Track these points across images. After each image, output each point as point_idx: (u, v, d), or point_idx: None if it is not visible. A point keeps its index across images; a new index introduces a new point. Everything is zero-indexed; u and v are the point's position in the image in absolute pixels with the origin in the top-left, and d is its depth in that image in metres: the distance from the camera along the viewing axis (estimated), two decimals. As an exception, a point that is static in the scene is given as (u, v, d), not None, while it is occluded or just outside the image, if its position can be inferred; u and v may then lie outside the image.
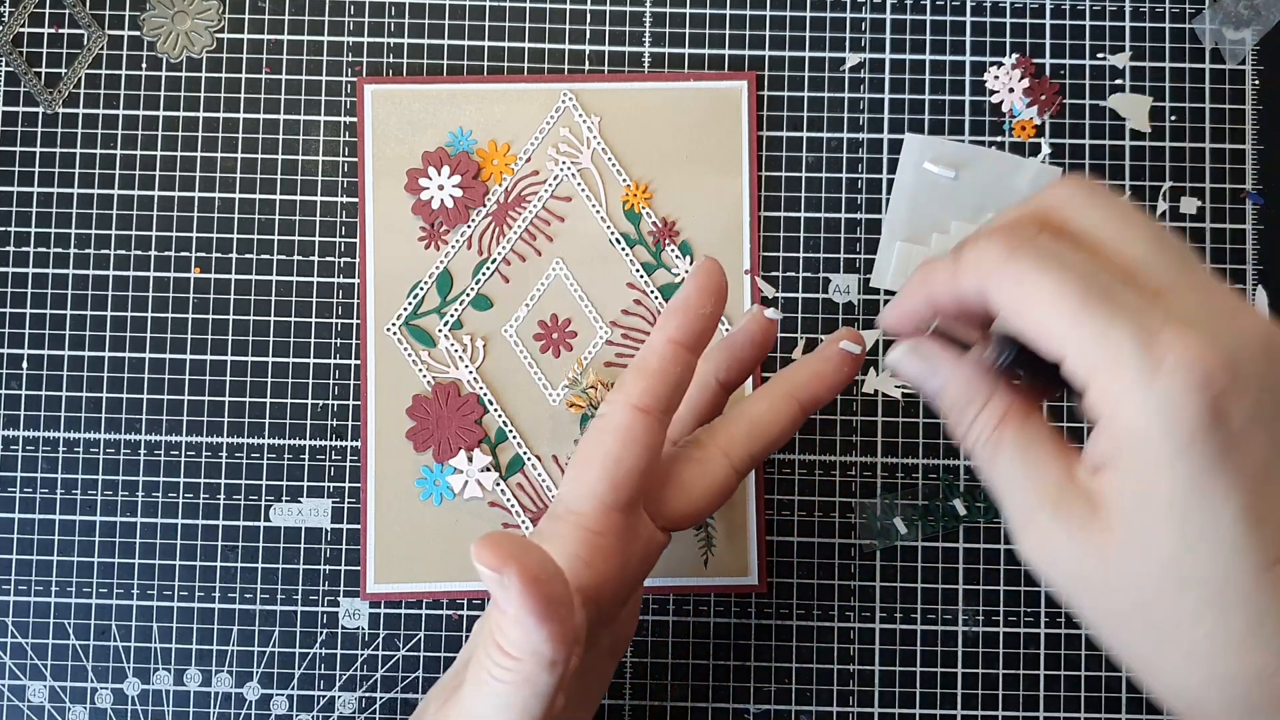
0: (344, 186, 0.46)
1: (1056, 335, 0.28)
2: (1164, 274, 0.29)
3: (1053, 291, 0.28)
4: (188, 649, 0.45)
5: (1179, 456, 0.27)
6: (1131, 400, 0.27)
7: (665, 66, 0.46)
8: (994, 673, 0.45)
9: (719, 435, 0.36)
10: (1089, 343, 0.28)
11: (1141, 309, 0.28)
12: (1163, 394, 0.27)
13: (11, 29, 0.46)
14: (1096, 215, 0.30)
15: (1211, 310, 0.28)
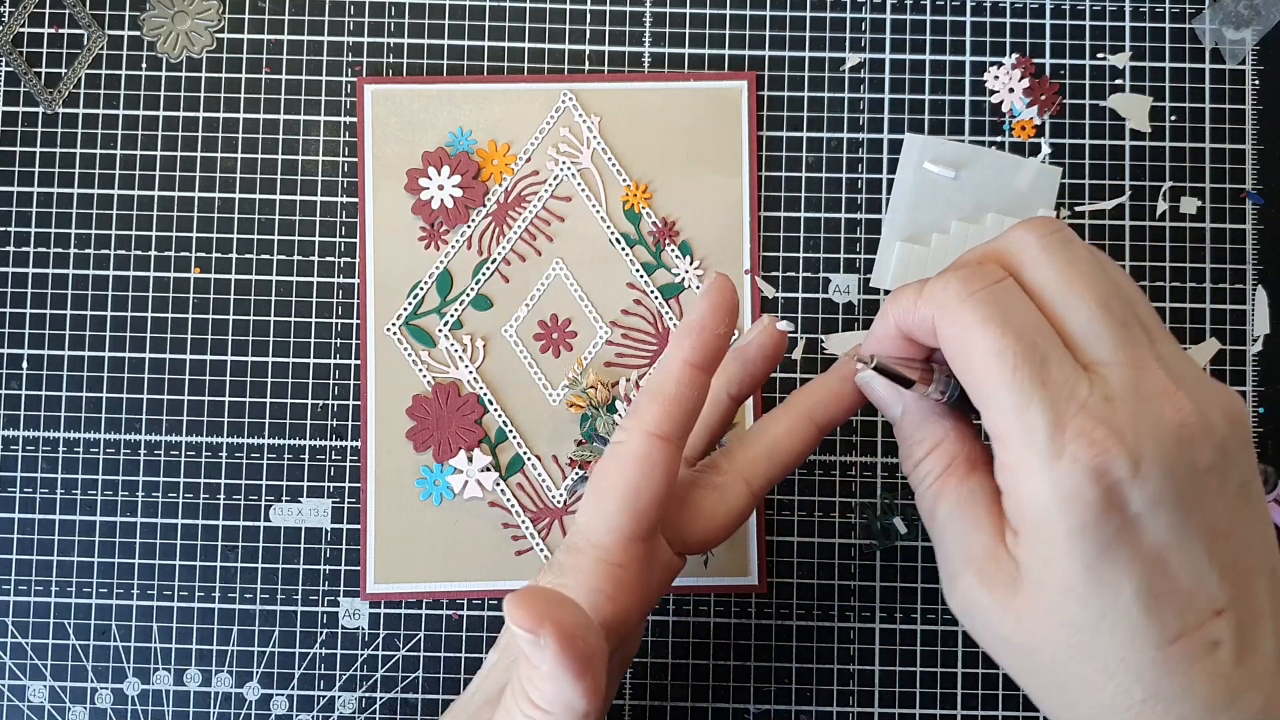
0: (344, 186, 0.46)
1: (983, 391, 0.29)
2: (1100, 346, 0.29)
3: (990, 349, 0.29)
4: (188, 649, 0.45)
5: (1074, 539, 0.29)
6: (1033, 478, 0.29)
7: (665, 66, 0.46)
8: (994, 673, 0.45)
9: (738, 460, 0.35)
10: (1007, 410, 0.29)
11: (1065, 388, 0.29)
12: (1061, 478, 0.28)
13: (11, 29, 0.46)
14: (1050, 271, 0.30)
15: (1136, 391, 0.29)
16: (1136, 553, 0.29)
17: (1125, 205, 0.46)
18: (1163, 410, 0.29)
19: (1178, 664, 0.29)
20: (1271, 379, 0.46)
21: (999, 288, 0.30)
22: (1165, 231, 0.46)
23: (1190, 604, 0.29)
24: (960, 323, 0.30)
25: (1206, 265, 0.46)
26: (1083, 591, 0.29)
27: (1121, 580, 0.29)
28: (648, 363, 0.45)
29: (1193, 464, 0.29)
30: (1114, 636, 0.29)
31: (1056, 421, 0.28)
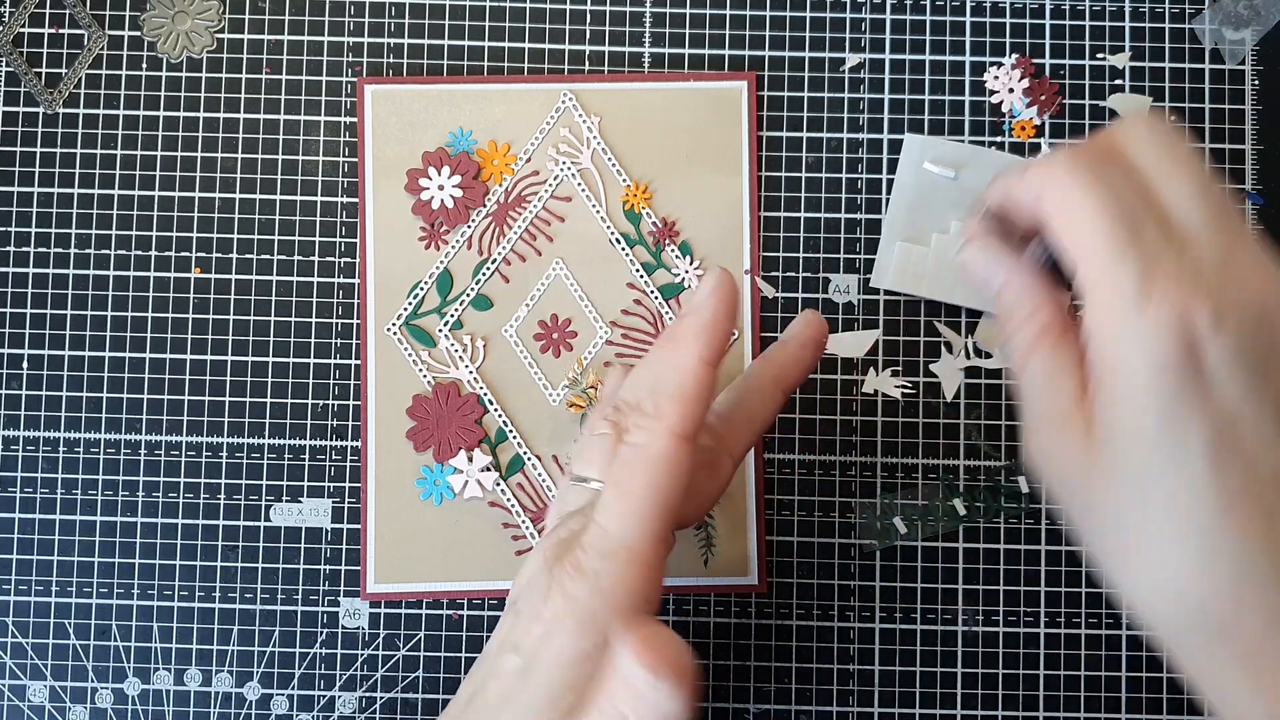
0: (344, 186, 0.46)
1: (1079, 248, 0.32)
2: (1195, 223, 0.31)
3: (1090, 210, 0.31)
4: (188, 649, 0.45)
5: (1151, 384, 0.30)
6: (1116, 325, 0.31)
7: (665, 66, 0.46)
8: (994, 673, 0.45)
9: (721, 434, 0.37)
10: (1102, 262, 0.31)
11: (1158, 248, 0.31)
12: (1142, 325, 0.30)
13: (12, 29, 0.46)
14: (1154, 155, 0.32)
15: (1225, 265, 0.31)
16: (1208, 407, 0.30)
17: (1125, 205, 0.46)
18: (1251, 280, 0.31)
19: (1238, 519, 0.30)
20: (1271, 379, 0.46)
21: (1105, 160, 0.32)
22: (1165, 231, 0.46)
23: (1255, 466, 0.30)
24: (1065, 187, 0.32)
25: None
26: (1153, 438, 0.31)
27: (1191, 431, 0.30)
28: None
29: (1273, 336, 0.31)
30: (1178, 487, 0.31)
31: (1147, 274, 0.30)
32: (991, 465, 0.45)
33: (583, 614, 0.32)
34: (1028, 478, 0.45)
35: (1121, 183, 0.32)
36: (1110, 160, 0.33)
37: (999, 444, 0.46)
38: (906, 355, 0.46)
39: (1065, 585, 0.45)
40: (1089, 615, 0.45)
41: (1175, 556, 0.31)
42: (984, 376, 0.46)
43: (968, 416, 0.46)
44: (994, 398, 0.46)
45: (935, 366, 0.46)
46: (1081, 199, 0.32)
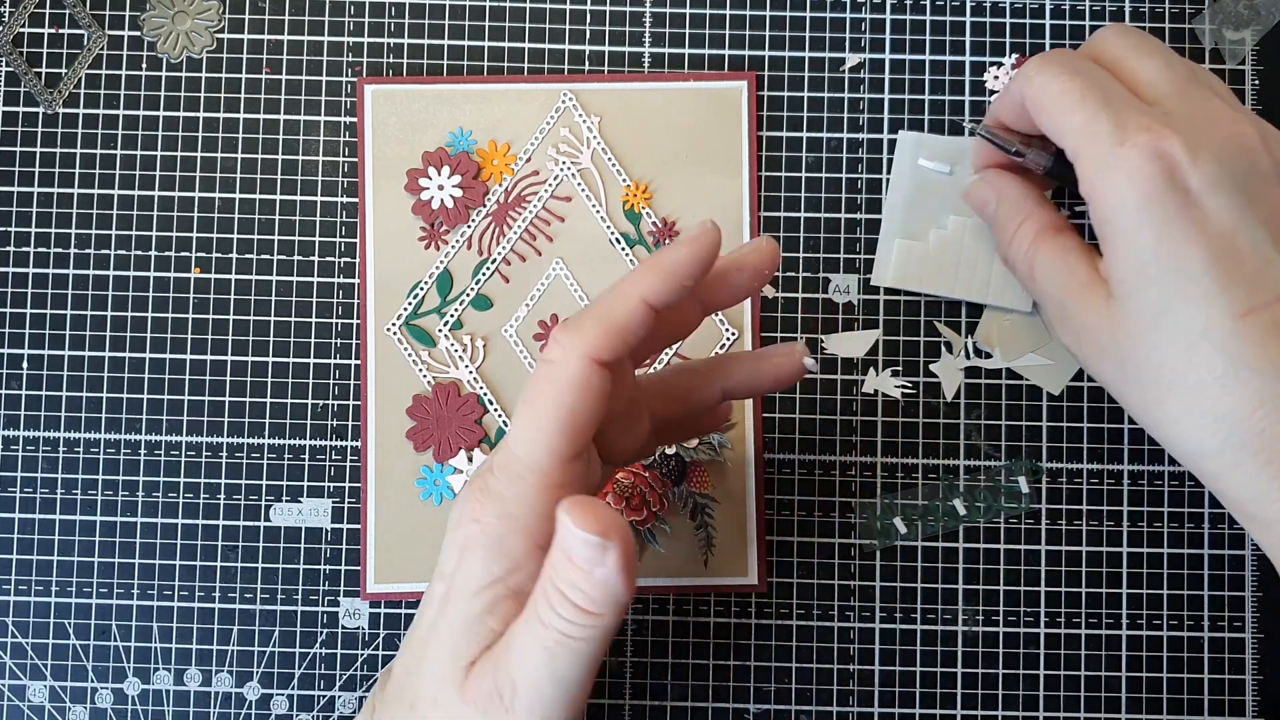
0: (344, 186, 0.46)
1: (1059, 123, 0.35)
2: (1164, 88, 0.35)
3: (1061, 88, 0.35)
4: (188, 649, 0.45)
5: (1142, 213, 0.33)
6: (1103, 169, 0.34)
7: (665, 66, 0.46)
8: (994, 673, 0.45)
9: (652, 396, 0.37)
10: (1080, 125, 0.34)
11: (1128, 104, 0.34)
12: (1124, 159, 0.33)
13: (11, 29, 0.46)
14: (1122, 45, 0.36)
15: (1194, 112, 0.34)
16: (1202, 228, 0.33)
17: (1125, 205, 0.46)
18: (1220, 123, 0.34)
19: (1253, 334, 0.33)
20: (1271, 379, 0.46)
21: (1063, 54, 0.36)
22: (1165, 231, 0.46)
23: (1260, 282, 0.33)
24: (1039, 80, 0.36)
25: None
26: (1158, 266, 0.33)
27: (1191, 252, 0.33)
28: (647, 363, 0.45)
29: (1252, 164, 0.34)
30: (1191, 309, 0.33)
31: (1119, 121, 0.34)
32: (991, 465, 0.45)
33: (490, 539, 0.31)
34: (1028, 478, 0.45)
35: (1089, 66, 0.36)
36: (1076, 52, 0.37)
37: (999, 444, 0.46)
38: (906, 355, 0.46)
39: (1065, 585, 0.45)
40: (1089, 615, 0.45)
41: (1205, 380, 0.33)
42: (984, 376, 0.46)
43: (968, 416, 0.46)
44: (994, 398, 0.46)
45: (935, 366, 0.46)
46: (1053, 80, 0.35)
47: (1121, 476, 0.45)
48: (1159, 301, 0.34)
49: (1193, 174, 0.33)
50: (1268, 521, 0.34)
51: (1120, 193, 0.34)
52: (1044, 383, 0.45)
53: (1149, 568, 0.45)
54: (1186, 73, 0.36)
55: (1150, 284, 0.34)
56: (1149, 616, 0.45)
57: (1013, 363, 0.45)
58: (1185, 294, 0.33)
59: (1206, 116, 0.34)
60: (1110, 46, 0.37)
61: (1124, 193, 0.33)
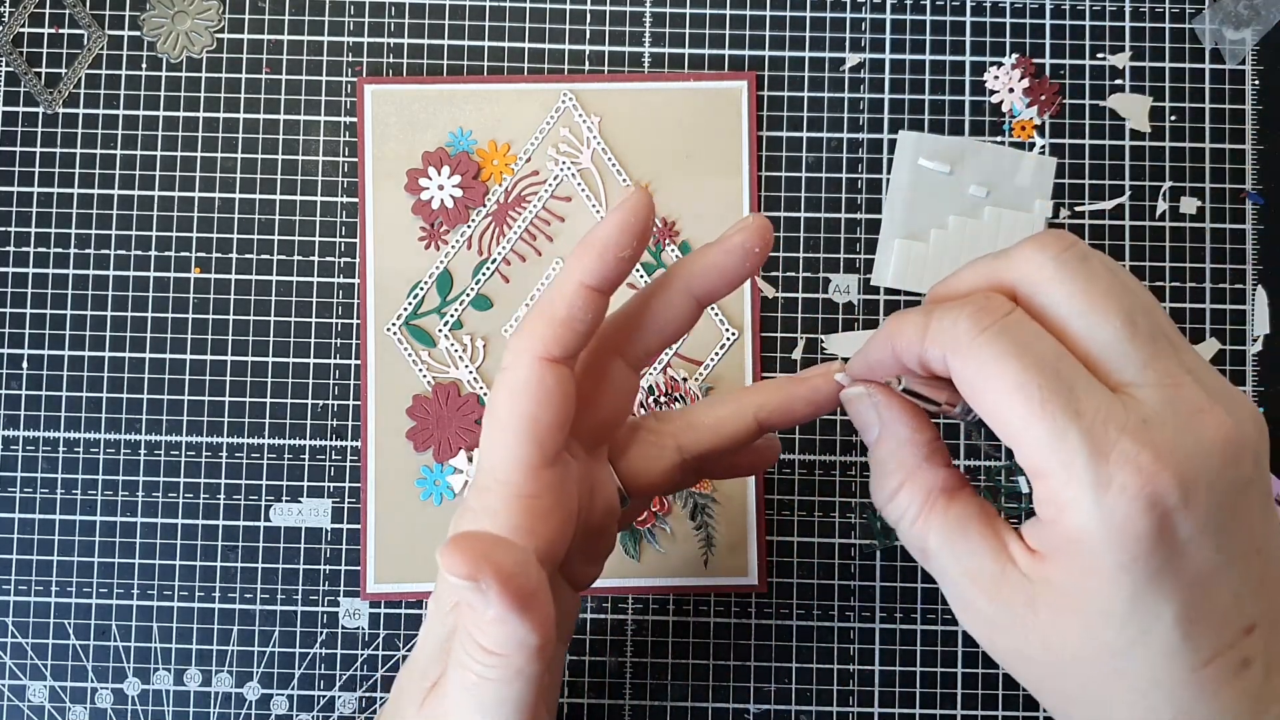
0: (344, 186, 0.46)
1: (1012, 428, 0.28)
2: (1129, 364, 0.28)
3: (1013, 384, 0.27)
4: (188, 649, 0.45)
5: (1123, 570, 0.27)
6: (1080, 509, 0.27)
7: (665, 66, 0.46)
8: (994, 673, 0.45)
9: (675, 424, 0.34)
10: (1043, 444, 0.27)
11: (1099, 415, 0.27)
12: (1111, 510, 0.27)
13: (11, 29, 0.46)
14: (1066, 290, 0.29)
15: (1175, 410, 0.28)
16: (1181, 579, 0.28)
17: (1125, 205, 0.46)
18: (1205, 428, 0.28)
19: (1209, 685, 0.28)
20: (1271, 379, 0.46)
21: (1010, 320, 0.28)
22: (1165, 231, 0.46)
23: (1226, 624, 0.28)
24: (976, 361, 0.28)
25: (1206, 265, 0.46)
26: (1123, 617, 0.28)
27: (1163, 606, 0.28)
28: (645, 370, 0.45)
29: (1236, 480, 0.28)
30: (1149, 660, 0.28)
31: (1098, 450, 0.27)
32: (991, 465, 0.45)
33: None
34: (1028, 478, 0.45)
35: (1037, 341, 0.28)
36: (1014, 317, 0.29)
37: (999, 444, 0.46)
38: (906, 355, 0.46)
39: (1065, 585, 0.45)
40: (1089, 615, 0.45)
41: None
42: (984, 376, 0.46)
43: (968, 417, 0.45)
44: (994, 398, 0.45)
45: (935, 366, 0.46)
46: (1000, 371, 0.28)
47: (1121, 476, 0.45)
48: (1112, 644, 0.28)
49: (1185, 520, 0.27)
50: None
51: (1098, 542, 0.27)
52: (1044, 383, 0.45)
53: (1149, 568, 0.45)
54: (1149, 331, 0.29)
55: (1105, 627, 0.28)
56: (1149, 616, 0.45)
57: (1013, 363, 0.45)
58: (1145, 645, 0.28)
59: (1188, 413, 0.28)
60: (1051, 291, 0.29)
61: (1106, 545, 0.27)
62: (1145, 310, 0.29)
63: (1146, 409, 0.28)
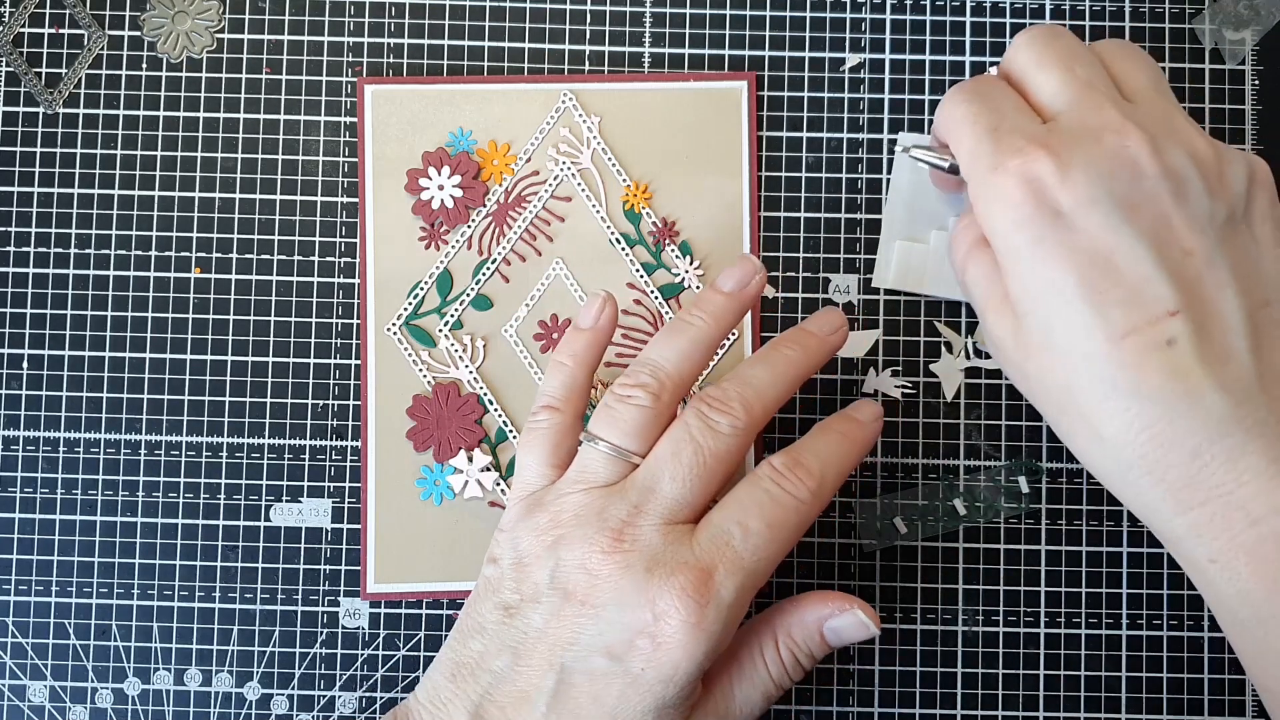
0: (344, 186, 0.46)
1: (955, 148, 0.36)
2: (1059, 102, 0.35)
3: (960, 115, 0.36)
4: (188, 649, 0.45)
5: (1013, 239, 0.34)
6: (981, 195, 0.35)
7: (665, 66, 0.46)
8: (994, 673, 0.45)
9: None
10: (967, 153, 0.35)
11: (1014, 128, 0.34)
12: (996, 185, 0.34)
13: (12, 29, 0.46)
14: (1026, 57, 0.36)
15: (1082, 125, 0.34)
16: (1072, 248, 0.33)
17: (1125, 205, 0.46)
18: (1102, 136, 0.33)
19: (1130, 357, 0.32)
20: (1271, 379, 0.46)
21: (978, 78, 0.37)
22: (1165, 231, 0.46)
23: (1137, 302, 0.32)
24: (945, 106, 0.37)
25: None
26: (1035, 290, 0.34)
27: (1064, 275, 0.33)
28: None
29: (1134, 175, 0.33)
30: (1071, 333, 0.33)
31: (997, 146, 0.34)
32: (991, 465, 0.45)
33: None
34: (1027, 478, 0.45)
35: (989, 88, 0.36)
36: (982, 77, 0.37)
37: (999, 444, 0.46)
38: (906, 355, 0.46)
39: (1065, 585, 0.45)
40: (1089, 615, 0.45)
41: (1092, 400, 0.33)
42: (984, 376, 0.46)
43: (968, 416, 0.46)
44: (994, 398, 0.46)
45: (935, 366, 0.46)
46: (954, 108, 0.36)
47: (1121, 476, 0.45)
48: (1043, 323, 0.34)
49: (1063, 194, 0.33)
50: (1170, 538, 0.34)
51: (995, 218, 0.34)
52: (1044, 383, 0.45)
53: (1149, 568, 0.45)
54: (1085, 79, 0.35)
55: (1034, 306, 0.34)
56: (1149, 616, 0.45)
57: (1013, 363, 0.45)
58: (1063, 317, 0.33)
59: (1093, 127, 0.34)
60: (1018, 60, 0.37)
61: (998, 218, 0.34)
62: (1091, 65, 0.36)
63: (1058, 126, 0.34)
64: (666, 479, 0.36)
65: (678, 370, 0.38)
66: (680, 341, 0.38)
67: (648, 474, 0.36)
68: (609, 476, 0.37)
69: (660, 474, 0.36)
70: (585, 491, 0.37)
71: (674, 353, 0.38)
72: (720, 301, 0.39)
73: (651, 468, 0.36)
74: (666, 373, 0.38)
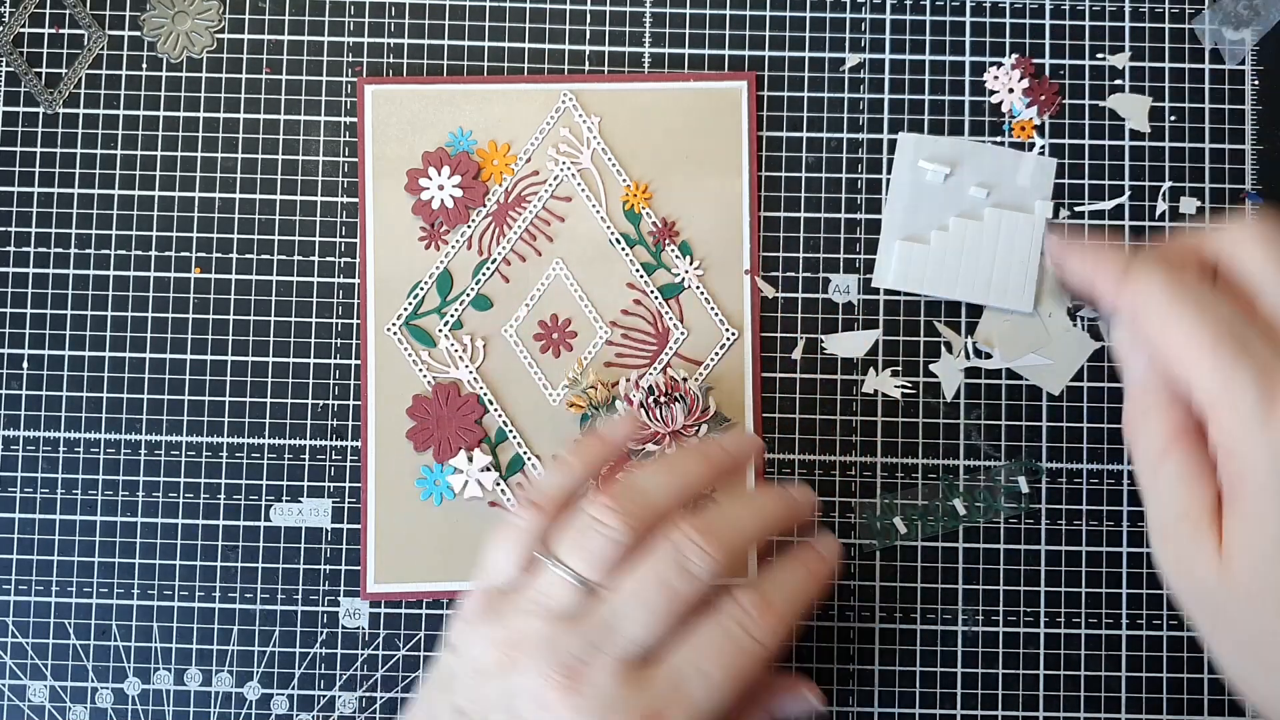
0: (344, 186, 0.46)
1: (1189, 371, 0.31)
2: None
3: (1190, 335, 0.31)
4: (188, 649, 0.45)
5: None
6: (1247, 440, 0.30)
7: (665, 66, 0.46)
8: (994, 673, 0.45)
9: None
10: (1213, 383, 0.30)
11: (1267, 359, 0.30)
12: (1268, 440, 0.29)
13: (12, 29, 0.46)
14: (1260, 256, 0.32)
15: None
16: None
17: (1125, 205, 0.46)
18: None
19: None
20: (1271, 379, 0.46)
21: (1196, 283, 0.32)
22: (1165, 232, 0.46)
23: None
24: (1161, 317, 0.31)
25: None
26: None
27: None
28: (647, 363, 0.45)
29: None
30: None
31: (1265, 386, 0.30)
32: (991, 465, 0.45)
33: None
34: (1027, 478, 0.45)
35: (1217, 304, 0.31)
36: (1203, 272, 0.33)
37: (999, 444, 0.46)
38: (906, 355, 0.46)
39: (1065, 585, 0.45)
40: (1089, 615, 0.45)
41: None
42: (984, 376, 0.46)
43: (968, 416, 0.46)
44: (994, 398, 0.46)
45: (935, 366, 0.46)
46: (1180, 323, 0.31)
47: (1121, 476, 0.45)
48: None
49: None
50: None
51: (1262, 473, 0.30)
52: (1044, 383, 0.45)
53: (1149, 568, 0.45)
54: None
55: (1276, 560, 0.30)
56: (1149, 616, 0.45)
57: (1013, 363, 0.45)
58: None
59: None
60: (1248, 260, 0.32)
61: (1263, 474, 0.30)
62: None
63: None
64: (630, 622, 0.34)
65: (664, 507, 0.37)
66: (674, 479, 0.37)
67: (610, 611, 0.35)
68: (568, 606, 0.35)
69: (624, 616, 0.35)
70: (543, 620, 0.35)
71: (665, 489, 0.37)
72: (720, 455, 0.38)
73: (616, 607, 0.35)
74: (652, 508, 0.36)
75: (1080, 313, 0.45)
